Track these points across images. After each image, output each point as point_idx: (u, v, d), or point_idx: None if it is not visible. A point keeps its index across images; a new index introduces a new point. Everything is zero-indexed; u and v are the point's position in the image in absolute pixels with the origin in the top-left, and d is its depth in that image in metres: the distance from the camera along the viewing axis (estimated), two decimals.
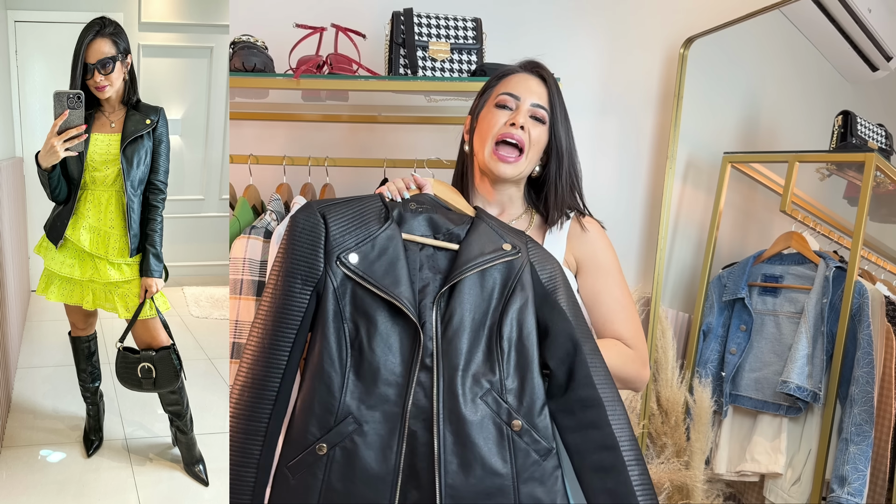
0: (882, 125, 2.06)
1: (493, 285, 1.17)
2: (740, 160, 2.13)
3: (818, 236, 2.02)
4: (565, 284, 1.21)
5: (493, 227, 1.22)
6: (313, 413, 1.10)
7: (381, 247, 1.15)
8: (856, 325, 1.82)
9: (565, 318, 1.17)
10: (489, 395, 1.12)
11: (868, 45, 2.06)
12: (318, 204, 1.18)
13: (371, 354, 1.11)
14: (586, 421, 1.13)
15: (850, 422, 1.78)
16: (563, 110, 1.36)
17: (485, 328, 1.15)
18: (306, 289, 1.13)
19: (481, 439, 1.09)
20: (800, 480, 1.85)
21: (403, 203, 1.21)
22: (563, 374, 1.15)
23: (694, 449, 1.97)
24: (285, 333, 1.13)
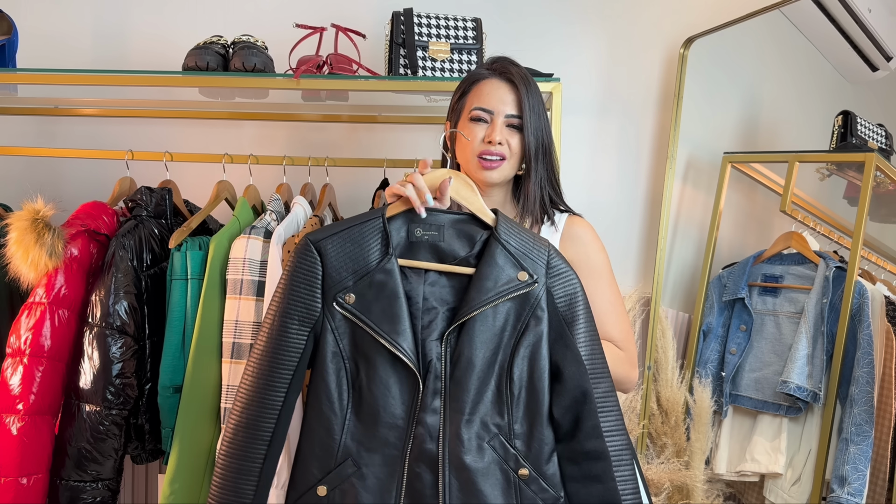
0: (882, 125, 2.06)
1: (506, 319, 1.11)
2: (740, 160, 2.13)
3: (818, 236, 2.01)
4: (585, 309, 1.15)
5: (511, 248, 1.13)
6: (314, 454, 1.10)
7: (379, 284, 1.10)
8: (856, 325, 1.82)
9: (578, 361, 1.11)
10: (496, 439, 1.09)
11: (868, 45, 2.06)
12: (316, 237, 1.14)
13: (371, 396, 1.09)
14: (590, 473, 1.10)
15: (850, 422, 1.78)
16: (534, 109, 1.33)
17: (495, 367, 1.10)
18: (303, 329, 1.11)
19: (487, 486, 1.07)
20: (800, 480, 1.85)
21: (409, 228, 1.15)
22: (570, 422, 1.11)
23: (694, 449, 1.97)
24: (281, 374, 1.11)
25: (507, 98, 1.33)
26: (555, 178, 1.39)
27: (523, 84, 1.33)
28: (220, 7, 2.13)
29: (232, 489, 1.11)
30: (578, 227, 1.37)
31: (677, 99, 2.09)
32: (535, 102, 1.33)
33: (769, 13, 1.99)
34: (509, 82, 1.34)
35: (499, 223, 1.15)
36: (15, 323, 1.52)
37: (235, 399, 1.14)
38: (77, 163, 2.07)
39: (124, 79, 1.75)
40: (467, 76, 1.40)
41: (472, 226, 1.15)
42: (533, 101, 1.33)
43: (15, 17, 1.87)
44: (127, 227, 1.63)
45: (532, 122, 1.32)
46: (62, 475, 1.53)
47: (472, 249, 1.13)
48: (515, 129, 1.33)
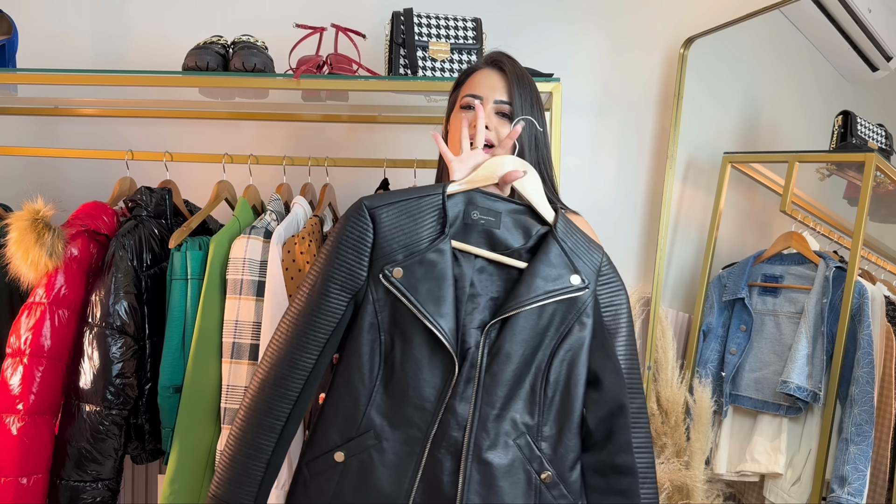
0: (882, 125, 2.06)
1: (551, 320, 1.08)
2: (740, 160, 2.13)
3: (818, 236, 2.01)
4: (628, 322, 1.13)
5: (567, 248, 1.10)
6: (336, 420, 1.08)
7: (430, 263, 1.06)
8: (856, 325, 1.82)
9: (618, 373, 1.08)
10: (523, 438, 1.07)
11: (868, 45, 2.06)
12: (372, 203, 1.10)
13: (402, 374, 1.06)
14: (617, 487, 1.08)
15: (850, 422, 1.78)
16: (525, 99, 1.31)
17: (532, 366, 1.07)
18: (344, 295, 1.08)
19: (508, 484, 1.05)
20: (800, 480, 1.85)
21: (467, 208, 1.11)
22: (602, 433, 1.08)
23: (694, 449, 1.97)
24: (316, 336, 1.09)
25: (497, 84, 1.31)
26: (548, 173, 1.36)
27: (514, 74, 1.32)
28: (220, 7, 2.13)
29: (251, 443, 1.08)
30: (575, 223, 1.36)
31: (677, 99, 2.09)
32: (527, 93, 1.31)
33: (769, 13, 1.99)
34: (500, 70, 1.33)
35: (558, 221, 1.12)
36: (15, 323, 1.53)
37: (264, 355, 1.11)
38: (77, 163, 2.08)
39: (124, 79, 1.75)
40: (462, 71, 1.41)
41: (530, 218, 1.12)
42: (524, 91, 1.31)
43: (15, 17, 1.87)
44: (127, 227, 1.63)
45: (523, 109, 1.29)
46: (62, 475, 1.53)
47: (527, 242, 1.10)
48: (505, 116, 1.30)
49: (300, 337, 1.09)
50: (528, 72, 1.37)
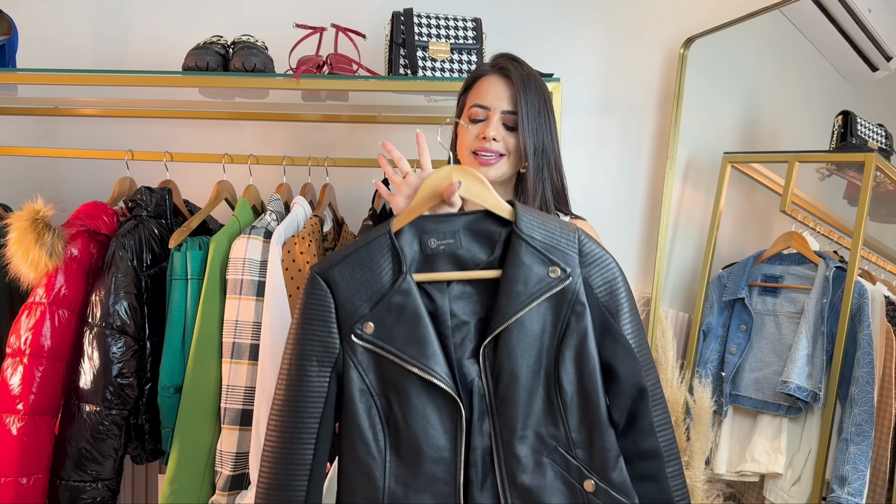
0: (882, 125, 2.06)
1: (545, 322, 1.01)
2: (740, 160, 2.13)
3: (818, 236, 2.01)
4: (628, 295, 1.05)
5: (536, 242, 1.02)
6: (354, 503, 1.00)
7: (398, 306, 0.99)
8: (856, 325, 1.82)
9: (630, 356, 1.01)
10: (555, 452, 1.00)
11: (868, 45, 2.06)
12: (321, 267, 1.03)
13: (409, 431, 0.99)
14: (644, 473, 1.02)
15: (850, 422, 1.78)
16: (533, 106, 1.30)
17: (541, 376, 1.01)
18: (324, 370, 1.01)
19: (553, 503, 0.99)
20: (800, 480, 1.85)
21: (422, 240, 1.04)
22: (626, 421, 1.02)
23: (694, 449, 1.97)
24: (307, 424, 1.00)
25: (504, 94, 1.32)
26: (558, 180, 1.36)
27: (521, 81, 1.31)
28: (220, 7, 2.13)
29: None
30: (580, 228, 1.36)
31: (677, 99, 2.09)
32: (535, 100, 1.31)
33: (769, 13, 1.99)
34: (507, 79, 1.33)
35: (518, 216, 1.03)
36: (15, 323, 1.53)
37: (262, 458, 1.03)
38: (77, 163, 2.08)
39: (124, 79, 1.75)
40: (471, 73, 1.40)
41: (490, 224, 1.05)
42: (531, 98, 1.31)
43: (15, 17, 1.87)
44: (127, 227, 1.63)
45: (529, 120, 1.30)
46: (62, 475, 1.53)
47: (494, 252, 1.04)
48: (512, 126, 1.32)
49: (291, 429, 1.01)
50: (535, 73, 1.36)
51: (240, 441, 1.50)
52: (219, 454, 1.51)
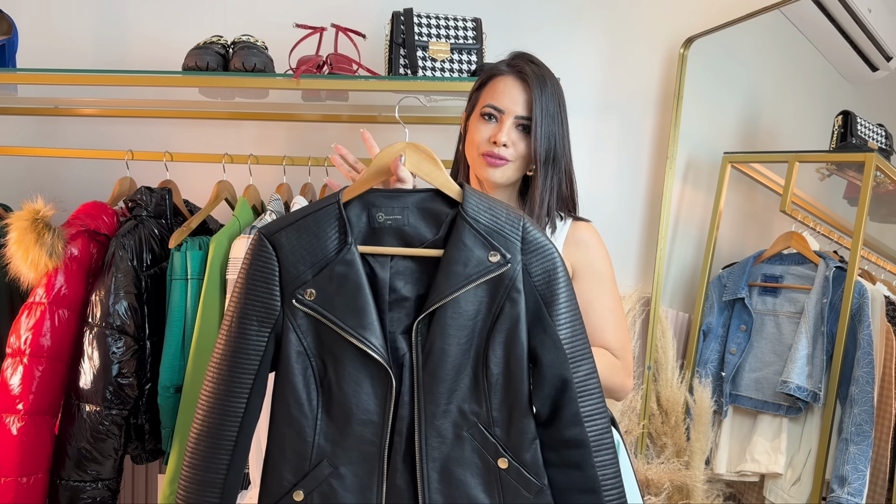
0: (882, 125, 2.06)
1: (480, 304, 1.04)
2: (740, 160, 2.13)
3: (818, 236, 2.01)
4: (566, 286, 1.07)
5: (480, 226, 1.04)
6: (286, 458, 1.04)
7: (340, 276, 1.03)
8: (856, 325, 1.82)
9: (557, 347, 1.04)
10: (475, 428, 1.05)
11: (868, 45, 2.06)
12: (269, 229, 1.06)
13: (341, 394, 1.03)
14: (570, 461, 1.05)
15: (850, 422, 1.78)
16: (547, 112, 1.29)
17: (470, 355, 1.04)
18: (263, 330, 1.04)
19: (468, 477, 1.04)
20: (800, 480, 1.85)
21: (370, 213, 1.07)
22: (548, 409, 1.06)
23: (694, 449, 1.97)
24: (242, 379, 1.04)
25: (520, 98, 1.29)
26: (567, 186, 1.35)
27: (538, 85, 1.29)
28: (220, 7, 2.13)
29: (196, 501, 1.06)
30: (584, 232, 1.34)
31: (677, 99, 2.09)
32: (549, 104, 1.29)
33: (769, 13, 1.99)
34: (523, 82, 1.30)
35: (466, 199, 1.05)
36: (15, 323, 1.53)
37: (197, 407, 1.08)
38: (77, 163, 2.08)
39: (124, 79, 1.75)
40: (487, 69, 1.37)
41: (439, 204, 1.06)
42: (547, 103, 1.29)
43: (15, 17, 1.87)
44: (127, 227, 1.63)
45: (543, 125, 1.28)
46: (62, 475, 1.53)
47: (440, 231, 1.05)
48: (525, 130, 1.30)
49: (227, 382, 1.05)
50: (551, 75, 1.34)
51: None
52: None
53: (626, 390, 1.31)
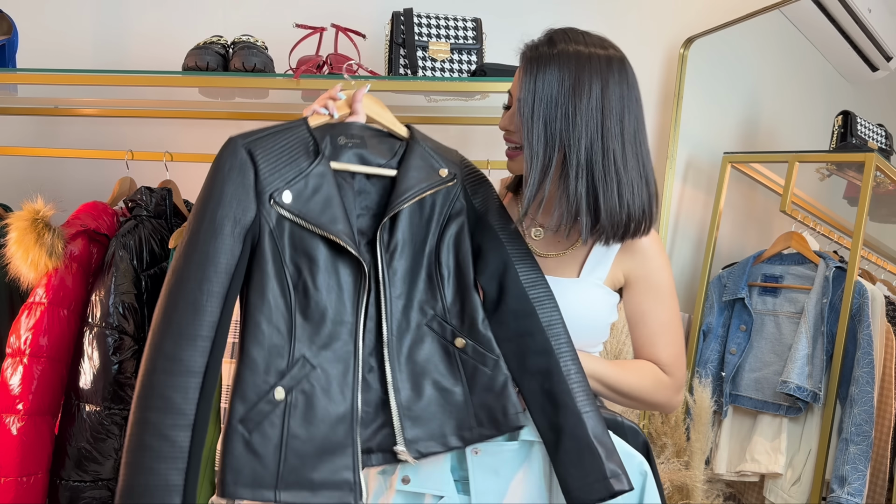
0: (882, 125, 2.06)
1: (431, 212, 1.18)
2: (740, 160, 2.13)
3: (818, 236, 2.02)
4: (497, 200, 1.23)
5: (429, 150, 1.20)
6: (266, 359, 1.04)
7: (315, 184, 1.10)
8: (856, 325, 1.82)
9: (495, 238, 1.19)
10: (434, 320, 1.15)
11: (868, 45, 2.06)
12: (244, 139, 1.10)
13: (317, 294, 1.07)
14: (520, 330, 1.13)
15: (850, 422, 1.78)
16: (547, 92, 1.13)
17: (424, 256, 1.17)
18: (238, 231, 1.04)
19: (431, 365, 1.13)
20: (800, 480, 1.85)
21: (332, 136, 1.15)
22: (495, 289, 1.17)
23: (694, 449, 1.97)
24: (217, 282, 1.01)
25: (518, 79, 1.20)
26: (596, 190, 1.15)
27: (533, 63, 1.16)
28: (220, 7, 2.13)
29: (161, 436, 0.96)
30: (642, 239, 1.22)
31: (677, 99, 2.09)
32: (552, 83, 1.14)
33: (769, 13, 1.99)
34: (522, 59, 1.19)
35: (413, 132, 1.22)
36: (15, 323, 1.53)
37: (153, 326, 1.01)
38: (77, 163, 2.07)
39: (124, 79, 1.75)
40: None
41: (390, 139, 1.21)
42: (541, 82, 1.14)
43: (15, 17, 1.87)
44: (127, 227, 1.63)
45: (535, 106, 1.14)
46: (62, 475, 1.53)
47: (393, 157, 1.19)
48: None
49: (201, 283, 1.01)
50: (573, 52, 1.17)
51: None
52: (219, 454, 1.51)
53: (672, 407, 1.26)
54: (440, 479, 1.11)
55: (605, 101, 1.14)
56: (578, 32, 1.23)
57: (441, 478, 1.12)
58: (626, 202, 1.16)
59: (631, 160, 1.18)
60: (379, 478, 1.16)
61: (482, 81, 1.73)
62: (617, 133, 1.16)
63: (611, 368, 1.21)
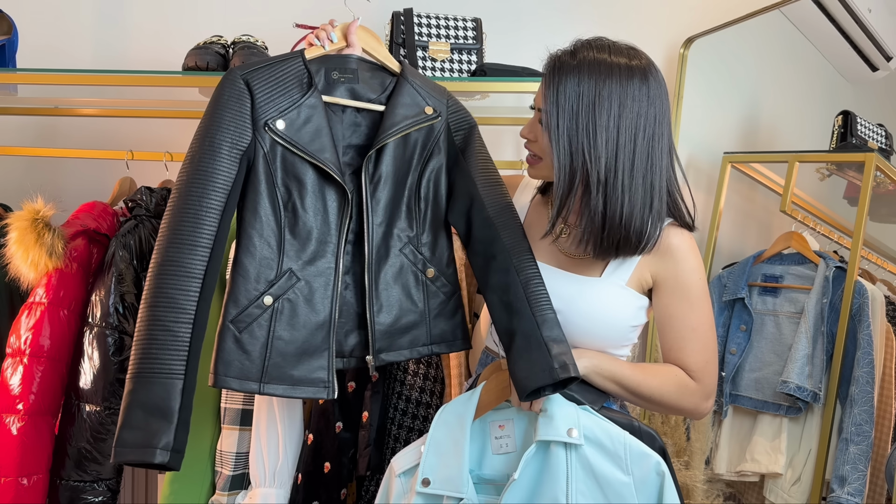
0: (882, 125, 2.06)
1: (415, 147, 1.26)
2: (740, 160, 2.13)
3: (818, 236, 2.02)
4: (477, 136, 1.32)
5: (417, 87, 1.28)
6: (257, 270, 1.16)
7: (307, 115, 1.19)
8: (856, 325, 1.82)
9: (466, 177, 1.28)
10: (407, 247, 1.26)
11: (868, 45, 2.06)
12: (242, 69, 1.20)
13: (304, 215, 1.18)
14: (486, 254, 1.23)
15: (850, 422, 1.78)
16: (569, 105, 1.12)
17: (405, 188, 1.26)
18: (235, 153, 1.14)
19: (403, 287, 1.26)
20: (800, 480, 1.85)
21: (327, 70, 1.24)
22: (463, 225, 1.27)
23: (694, 449, 1.97)
24: (215, 198, 1.11)
25: (541, 89, 1.19)
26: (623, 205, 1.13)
27: (555, 74, 1.14)
28: (220, 7, 2.13)
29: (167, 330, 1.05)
30: (673, 238, 1.20)
31: (677, 99, 2.09)
32: (569, 97, 1.12)
33: (769, 13, 1.99)
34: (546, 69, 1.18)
35: (404, 68, 1.29)
36: (15, 323, 1.53)
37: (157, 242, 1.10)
38: (77, 163, 2.07)
39: (124, 79, 1.75)
40: None
41: (382, 73, 1.29)
42: (563, 95, 1.12)
43: (15, 16, 1.87)
44: (127, 227, 1.63)
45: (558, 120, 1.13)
46: (62, 475, 1.53)
47: (384, 91, 1.27)
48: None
49: (199, 199, 1.10)
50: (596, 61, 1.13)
51: (240, 441, 1.50)
52: (219, 454, 1.51)
53: (700, 413, 1.22)
54: (459, 481, 1.12)
55: (621, 119, 1.13)
56: (606, 42, 1.18)
57: (460, 479, 1.12)
58: (623, 221, 1.15)
59: (637, 178, 1.15)
60: (399, 480, 1.17)
61: (482, 81, 1.73)
62: (627, 151, 1.14)
63: (630, 371, 1.19)
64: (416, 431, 1.49)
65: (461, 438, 1.14)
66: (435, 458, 1.14)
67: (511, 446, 1.17)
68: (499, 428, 1.19)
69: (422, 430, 1.47)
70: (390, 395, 1.53)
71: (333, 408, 1.46)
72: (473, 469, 1.16)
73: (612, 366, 1.18)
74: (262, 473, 1.44)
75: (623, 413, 1.22)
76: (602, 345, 1.22)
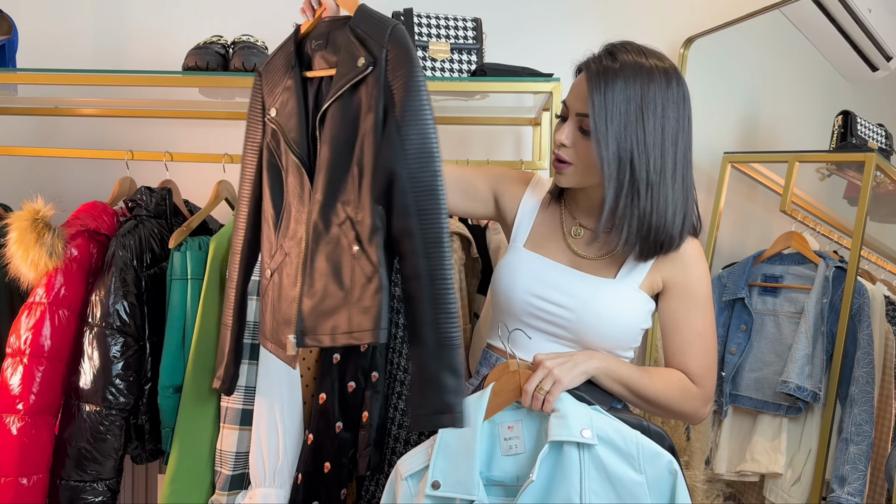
0: (882, 125, 2.06)
1: (358, 108, 1.11)
2: (740, 160, 2.13)
3: (818, 236, 2.02)
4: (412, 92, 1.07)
5: (359, 33, 1.11)
6: (268, 250, 1.27)
7: (285, 98, 1.22)
8: (856, 325, 1.82)
9: (389, 145, 1.08)
10: (346, 224, 1.13)
11: (868, 45, 2.06)
12: (262, 65, 1.29)
13: (287, 195, 1.23)
14: (401, 252, 1.09)
15: (850, 422, 1.78)
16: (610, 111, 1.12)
17: (350, 155, 1.12)
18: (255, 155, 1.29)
19: (332, 262, 1.15)
20: (800, 480, 1.85)
21: (309, 42, 1.22)
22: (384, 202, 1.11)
23: (694, 449, 1.97)
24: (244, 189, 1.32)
25: (581, 93, 1.16)
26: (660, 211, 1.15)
27: (600, 78, 1.13)
28: (220, 7, 2.13)
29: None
30: (685, 244, 1.23)
31: None
32: (620, 101, 1.12)
33: (769, 13, 1.99)
34: (587, 73, 1.16)
35: (356, 12, 1.13)
36: (15, 323, 1.53)
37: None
38: (77, 163, 2.08)
39: (124, 79, 1.75)
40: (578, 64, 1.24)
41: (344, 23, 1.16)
42: (614, 98, 1.12)
43: (15, 17, 1.87)
44: (127, 227, 1.63)
45: (607, 125, 1.12)
46: (62, 475, 1.53)
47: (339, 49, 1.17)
48: (585, 132, 1.17)
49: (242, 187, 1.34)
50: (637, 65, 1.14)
51: (240, 441, 1.50)
52: (219, 454, 1.51)
53: (699, 418, 1.25)
54: (470, 483, 1.11)
55: (664, 120, 1.15)
56: (636, 44, 1.20)
57: (470, 481, 1.11)
58: (667, 222, 1.16)
59: (678, 179, 1.18)
60: (406, 483, 1.17)
61: (482, 81, 1.73)
62: (671, 153, 1.16)
63: (637, 374, 1.20)
64: (416, 431, 1.49)
65: (471, 440, 1.13)
66: (445, 461, 1.13)
67: (520, 447, 1.17)
68: (508, 429, 1.18)
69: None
70: (390, 395, 1.53)
71: (333, 408, 1.46)
72: (482, 471, 1.15)
73: (620, 368, 1.19)
74: (262, 473, 1.44)
75: (632, 413, 1.22)
76: (611, 346, 1.23)
